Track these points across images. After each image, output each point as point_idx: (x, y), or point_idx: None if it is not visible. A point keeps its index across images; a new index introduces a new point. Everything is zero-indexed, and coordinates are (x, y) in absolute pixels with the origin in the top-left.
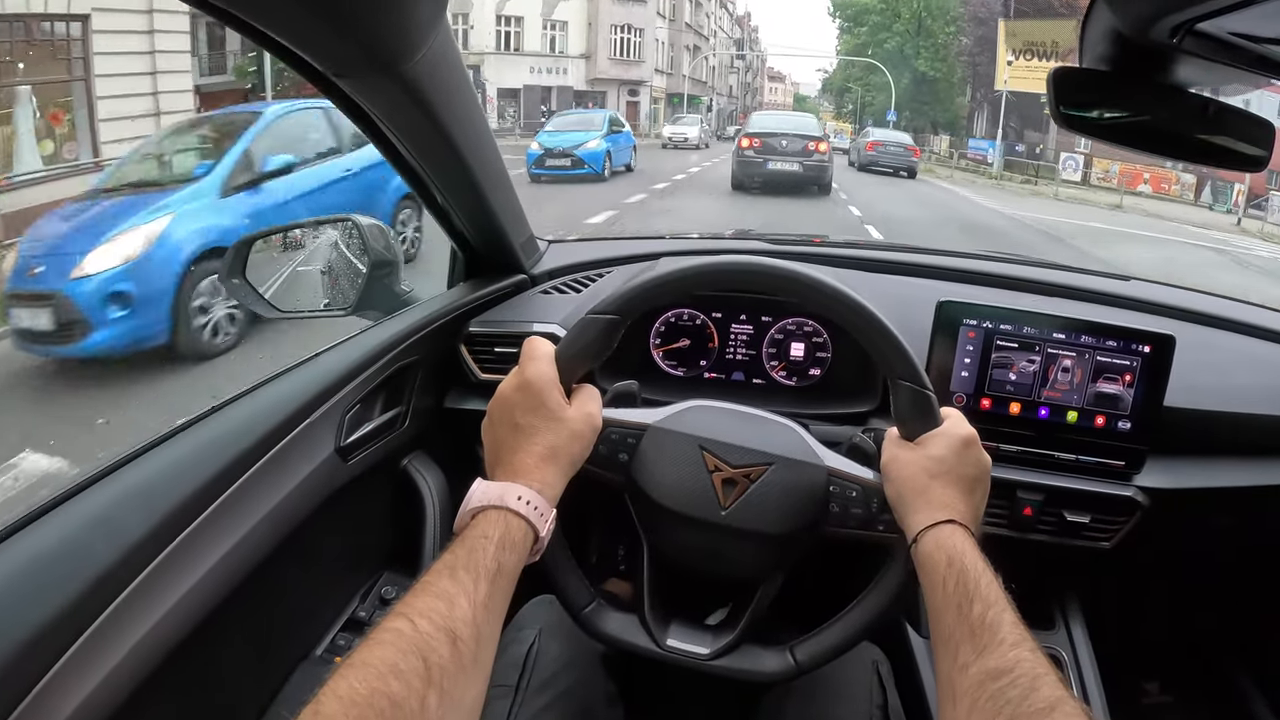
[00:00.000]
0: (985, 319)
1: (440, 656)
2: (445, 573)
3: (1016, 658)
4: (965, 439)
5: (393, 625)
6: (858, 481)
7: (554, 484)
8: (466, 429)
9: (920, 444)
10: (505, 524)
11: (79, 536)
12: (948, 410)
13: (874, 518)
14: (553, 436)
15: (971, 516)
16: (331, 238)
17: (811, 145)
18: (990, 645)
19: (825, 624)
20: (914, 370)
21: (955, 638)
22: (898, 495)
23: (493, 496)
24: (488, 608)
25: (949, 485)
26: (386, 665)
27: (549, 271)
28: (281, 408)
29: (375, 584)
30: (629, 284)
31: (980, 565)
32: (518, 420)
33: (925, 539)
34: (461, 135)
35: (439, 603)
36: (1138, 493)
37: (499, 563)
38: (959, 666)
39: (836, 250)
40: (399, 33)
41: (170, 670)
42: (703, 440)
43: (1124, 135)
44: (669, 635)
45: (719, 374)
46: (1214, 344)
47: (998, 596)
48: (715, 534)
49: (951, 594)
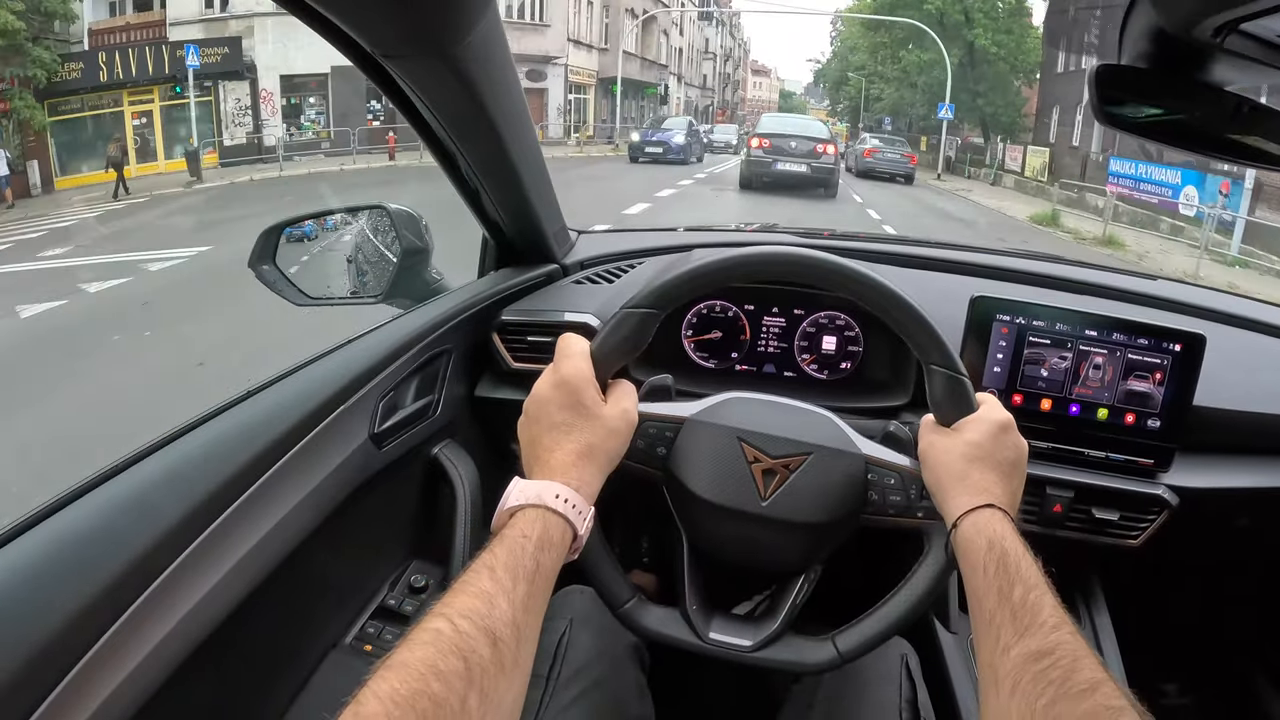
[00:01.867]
0: (1018, 315)
1: (480, 657)
2: (485, 572)
3: (1058, 640)
4: (1002, 424)
5: (432, 625)
6: (896, 469)
7: (592, 482)
8: (497, 418)
9: (957, 429)
10: (544, 523)
11: (115, 520)
12: (983, 396)
13: (913, 504)
14: (589, 434)
15: (1010, 501)
16: (363, 225)
17: (820, 147)
18: (1032, 627)
19: (866, 613)
20: (949, 356)
21: (996, 621)
22: (936, 481)
23: (531, 495)
24: (527, 608)
25: (987, 470)
26: (427, 666)
27: (580, 262)
28: (317, 393)
29: (404, 572)
30: (665, 276)
31: (1020, 549)
32: (555, 418)
33: (965, 524)
34: (504, 120)
35: (478, 603)
36: (1166, 491)
37: (538, 562)
38: (1001, 649)
39: (868, 245)
40: (450, 15)
41: (205, 654)
42: (741, 431)
43: (1162, 133)
44: (711, 629)
45: (750, 366)
46: (1241, 344)
47: (1038, 580)
48: (756, 525)
49: (993, 578)
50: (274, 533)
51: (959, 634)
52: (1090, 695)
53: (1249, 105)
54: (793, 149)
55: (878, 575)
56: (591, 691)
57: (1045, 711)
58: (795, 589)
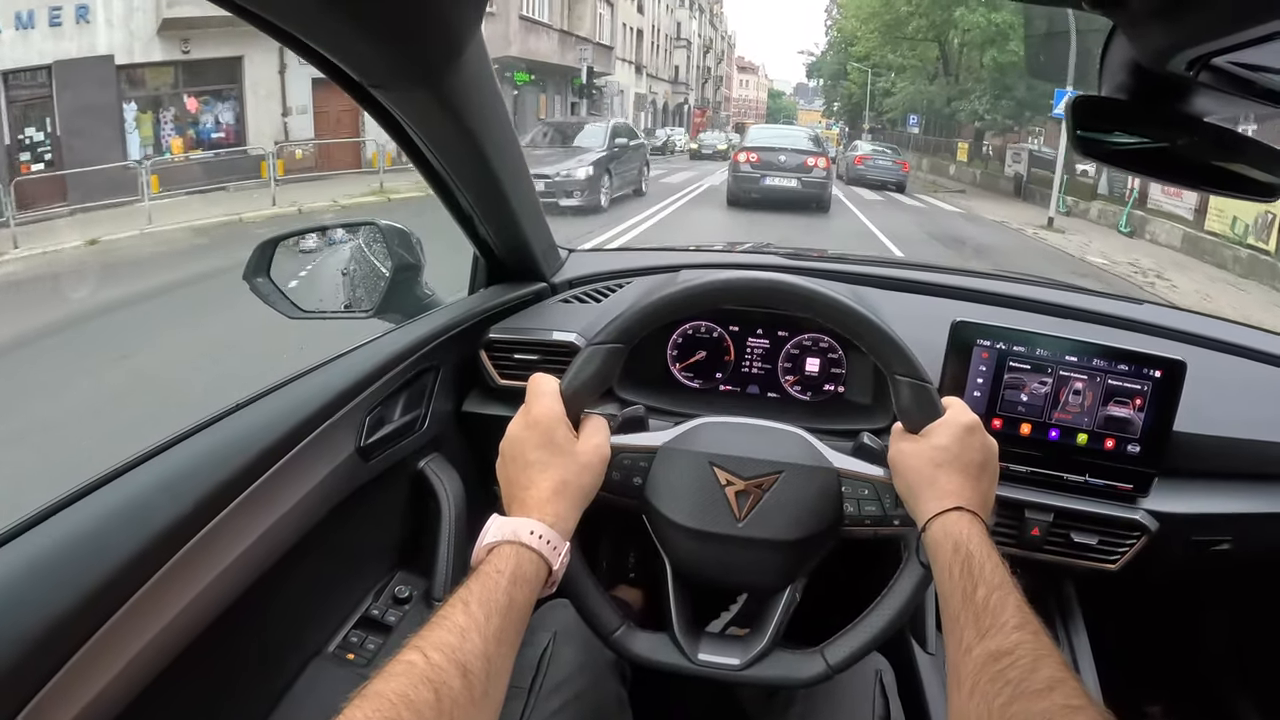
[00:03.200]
0: (999, 340)
1: (451, 689)
2: (459, 606)
3: (1019, 640)
4: (968, 426)
5: (405, 658)
6: (868, 479)
7: (567, 517)
8: (483, 433)
9: (924, 435)
10: (518, 558)
11: (104, 527)
12: (949, 400)
13: (888, 513)
14: (563, 470)
15: (980, 502)
16: (355, 241)
17: (811, 160)
18: (993, 628)
19: (851, 624)
20: (911, 364)
21: (960, 622)
22: (906, 487)
23: (506, 532)
24: (499, 641)
25: (955, 473)
26: (399, 696)
27: (569, 280)
28: (305, 406)
29: (389, 583)
30: (627, 310)
31: (985, 550)
32: (529, 457)
33: (933, 527)
34: (491, 144)
35: (451, 636)
36: (1145, 516)
37: (510, 597)
38: (963, 650)
39: (852, 267)
40: (435, 47)
41: (187, 662)
42: (712, 456)
43: (1141, 163)
44: (700, 650)
45: (734, 386)
46: (1225, 369)
47: (1002, 580)
48: (733, 546)
49: (958, 579)
50: (260, 542)
51: (935, 655)
52: (1048, 695)
53: (1230, 135)
54: (782, 163)
55: (855, 588)
56: (573, 704)
57: (1002, 711)
58: (779, 605)
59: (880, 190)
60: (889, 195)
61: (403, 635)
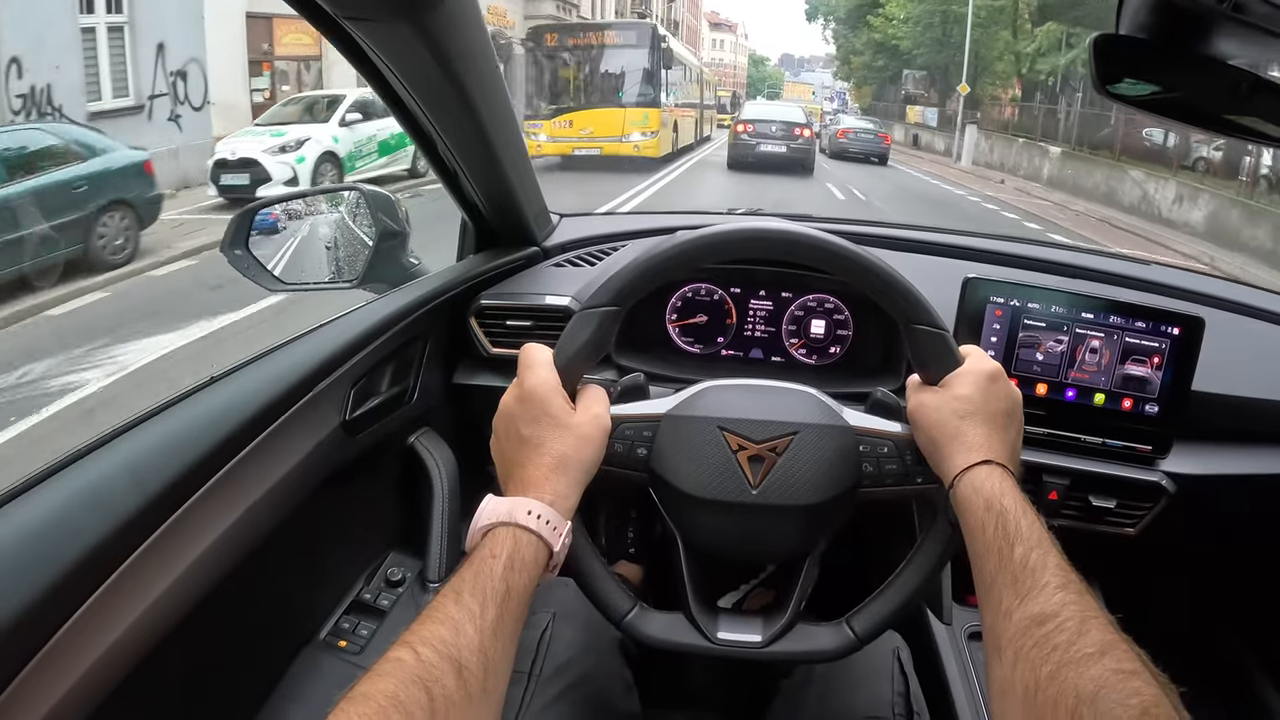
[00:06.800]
0: (1012, 297)
1: (445, 688)
2: (451, 597)
3: (1062, 600)
4: (990, 373)
5: (395, 655)
6: (887, 436)
7: (567, 494)
8: (476, 405)
9: (945, 385)
10: (514, 541)
11: (68, 512)
12: (968, 348)
13: (910, 471)
14: (560, 445)
15: (1008, 454)
16: (337, 208)
17: (797, 130)
18: (1033, 589)
19: (876, 592)
20: (925, 311)
21: (997, 584)
22: (929, 442)
23: (501, 513)
24: (496, 633)
25: (980, 424)
26: (388, 698)
27: (561, 245)
28: (285, 379)
29: (380, 565)
30: (621, 270)
31: (1021, 505)
32: (523, 432)
33: (962, 483)
34: (480, 95)
35: (443, 630)
36: (1164, 478)
37: (508, 584)
38: (1002, 614)
39: (859, 228)
40: None
41: (166, 653)
42: (721, 420)
43: (1160, 107)
44: (719, 628)
45: (737, 351)
46: (1237, 329)
47: (1040, 537)
48: (750, 515)
49: (991, 539)
50: (239, 524)
51: (952, 625)
52: (1099, 660)
53: (1249, 82)
54: (773, 133)
55: (871, 557)
56: (576, 688)
57: (1050, 680)
58: (801, 575)
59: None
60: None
61: (397, 620)
